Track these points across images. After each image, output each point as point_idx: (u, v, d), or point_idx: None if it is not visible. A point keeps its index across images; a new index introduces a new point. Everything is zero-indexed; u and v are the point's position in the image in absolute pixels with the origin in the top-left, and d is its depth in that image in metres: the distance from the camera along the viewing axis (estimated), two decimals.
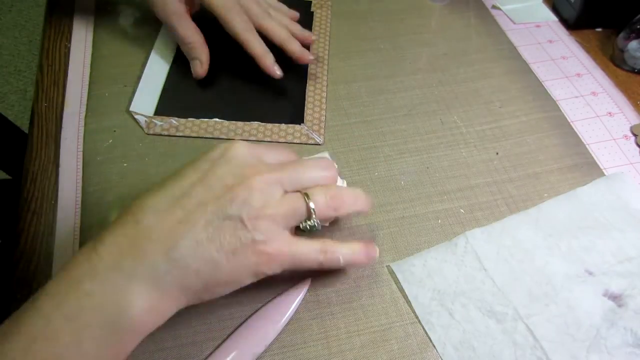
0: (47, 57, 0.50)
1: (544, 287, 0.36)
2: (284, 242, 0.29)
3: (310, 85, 0.48)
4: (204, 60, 0.46)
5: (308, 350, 0.33)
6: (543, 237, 0.38)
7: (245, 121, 0.45)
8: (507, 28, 0.56)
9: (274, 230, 0.28)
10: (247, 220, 0.27)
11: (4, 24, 1.68)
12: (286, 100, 0.47)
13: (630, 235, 0.38)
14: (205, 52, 0.46)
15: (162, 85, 0.47)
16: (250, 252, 0.28)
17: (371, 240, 0.36)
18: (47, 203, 0.40)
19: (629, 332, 0.33)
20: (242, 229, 0.27)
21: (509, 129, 0.46)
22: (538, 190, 0.41)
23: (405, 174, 0.42)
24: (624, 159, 0.44)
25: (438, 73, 0.50)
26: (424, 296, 0.35)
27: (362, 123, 0.46)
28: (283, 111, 0.46)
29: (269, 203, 0.28)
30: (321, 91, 0.48)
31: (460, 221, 0.39)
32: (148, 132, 0.44)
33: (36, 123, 0.45)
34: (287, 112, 0.46)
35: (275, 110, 0.46)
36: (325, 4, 0.57)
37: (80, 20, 0.54)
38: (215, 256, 0.27)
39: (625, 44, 0.50)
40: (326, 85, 0.49)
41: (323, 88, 0.48)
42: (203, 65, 0.46)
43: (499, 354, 0.33)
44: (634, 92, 0.49)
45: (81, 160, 0.42)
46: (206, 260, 0.27)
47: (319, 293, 0.36)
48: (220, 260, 0.27)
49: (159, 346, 0.33)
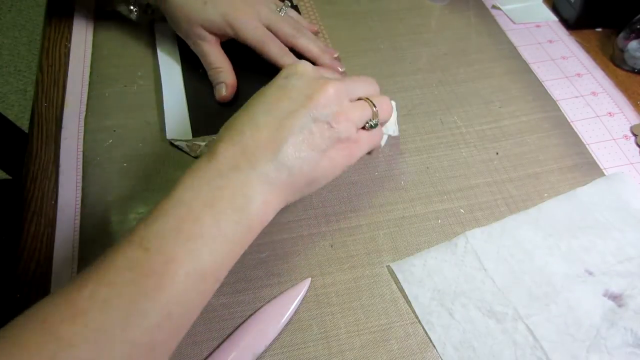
0: (47, 57, 0.50)
1: (544, 287, 0.36)
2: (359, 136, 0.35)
3: None
4: (230, 85, 0.46)
5: (308, 350, 0.33)
6: (543, 237, 0.38)
7: None
8: (507, 28, 0.56)
9: (351, 128, 0.34)
10: (332, 121, 0.32)
11: (4, 24, 1.68)
12: None
13: (630, 235, 0.38)
14: (232, 78, 0.47)
15: (186, 105, 0.46)
16: (338, 148, 0.33)
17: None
18: (47, 203, 0.40)
19: (629, 332, 0.33)
20: (328, 129, 0.32)
21: (509, 129, 0.46)
22: (538, 190, 0.41)
23: (405, 174, 0.42)
24: (624, 159, 0.44)
25: (438, 73, 0.50)
26: (424, 296, 0.35)
27: None
28: None
29: (343, 107, 0.34)
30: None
31: (460, 221, 0.39)
32: (195, 155, 0.43)
33: (36, 123, 0.45)
34: None
35: None
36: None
37: (80, 20, 0.54)
38: (313, 155, 0.32)
39: (625, 44, 0.50)
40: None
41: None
42: (228, 89, 0.46)
43: (499, 354, 0.33)
44: (634, 92, 0.49)
45: (81, 160, 0.42)
46: (305, 160, 0.31)
47: (319, 293, 0.36)
48: (316, 158, 0.32)
49: None
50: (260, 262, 0.37)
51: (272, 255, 0.37)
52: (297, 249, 0.38)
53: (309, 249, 0.38)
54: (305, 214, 0.40)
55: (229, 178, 0.30)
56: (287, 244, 0.38)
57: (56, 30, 0.53)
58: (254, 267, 0.37)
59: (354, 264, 0.37)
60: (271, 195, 0.31)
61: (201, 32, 0.46)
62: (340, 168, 0.34)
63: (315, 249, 0.38)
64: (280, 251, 0.38)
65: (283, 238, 0.38)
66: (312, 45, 0.48)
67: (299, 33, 0.48)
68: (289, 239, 0.38)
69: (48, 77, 0.49)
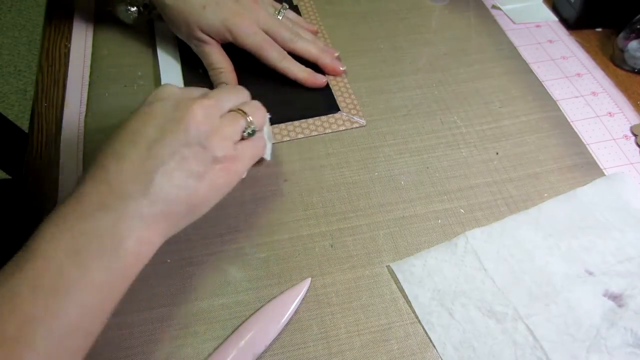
0: (47, 57, 0.50)
1: (544, 287, 0.36)
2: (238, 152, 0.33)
3: (330, 77, 0.49)
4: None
5: (308, 350, 0.33)
6: (543, 237, 0.38)
7: (285, 122, 0.45)
8: (507, 28, 0.56)
9: (227, 145, 0.32)
10: (205, 142, 0.30)
11: (4, 24, 1.68)
12: (314, 96, 0.48)
13: (630, 235, 0.38)
14: (233, 78, 0.47)
15: None
16: (216, 169, 0.31)
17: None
18: (47, 203, 0.40)
19: (629, 332, 0.33)
20: (202, 152, 0.30)
21: (509, 129, 0.46)
22: (538, 190, 0.41)
23: (405, 174, 0.42)
24: (624, 159, 0.44)
25: (438, 73, 0.50)
26: (424, 296, 0.35)
27: None
28: (315, 105, 0.47)
29: (215, 124, 0.31)
30: (342, 79, 0.49)
31: (460, 221, 0.39)
32: None
33: (36, 123, 0.45)
34: (320, 106, 0.47)
35: (308, 106, 0.47)
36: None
37: (80, 20, 0.54)
38: (189, 181, 0.30)
39: (625, 44, 0.50)
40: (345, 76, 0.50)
41: (342, 76, 0.50)
42: None
43: (499, 354, 0.33)
44: (634, 92, 0.49)
45: (81, 160, 0.42)
46: (182, 188, 0.29)
47: (319, 293, 0.36)
48: (194, 184, 0.30)
49: (159, 346, 0.33)
50: (260, 262, 0.37)
51: (272, 255, 0.37)
52: (297, 249, 0.38)
53: (309, 249, 0.38)
54: (305, 214, 0.40)
55: (95, 219, 0.27)
56: (287, 244, 0.38)
57: (56, 30, 0.53)
58: (254, 267, 0.37)
59: (354, 264, 0.37)
60: (147, 232, 0.28)
61: (201, 35, 0.46)
62: (222, 190, 0.32)
63: (315, 249, 0.38)
64: (280, 251, 0.38)
65: (283, 238, 0.38)
66: (310, 46, 0.48)
67: (296, 37, 0.48)
68: (289, 239, 0.38)
69: (48, 77, 0.49)
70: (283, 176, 0.42)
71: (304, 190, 0.41)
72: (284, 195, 0.41)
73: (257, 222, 0.39)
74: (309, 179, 0.42)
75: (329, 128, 0.45)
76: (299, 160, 0.43)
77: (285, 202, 0.40)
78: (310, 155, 0.43)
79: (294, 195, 0.41)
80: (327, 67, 0.49)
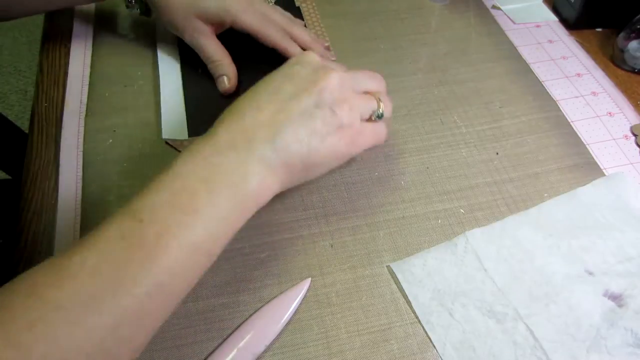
0: (47, 57, 0.50)
1: (544, 287, 0.36)
2: (364, 127, 0.35)
3: None
4: (232, 77, 0.46)
5: (308, 350, 0.33)
6: (543, 237, 0.38)
7: None
8: (507, 28, 0.56)
9: (355, 116, 0.34)
10: (335, 107, 0.33)
11: (4, 24, 1.68)
12: None
13: (630, 235, 0.38)
14: (232, 69, 0.47)
15: (184, 105, 0.46)
16: (340, 135, 0.33)
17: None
18: (47, 203, 0.40)
19: (629, 332, 0.33)
20: (331, 116, 0.32)
21: (509, 129, 0.46)
22: (538, 190, 0.41)
23: (405, 174, 0.42)
24: (624, 159, 0.44)
25: (438, 73, 0.50)
26: (424, 296, 0.35)
27: None
28: None
29: (347, 95, 0.34)
30: None
31: (460, 221, 0.39)
32: None
33: (36, 123, 0.45)
34: None
35: None
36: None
37: (80, 20, 0.54)
38: (312, 139, 0.32)
39: (625, 44, 0.50)
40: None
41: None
42: (231, 81, 0.46)
43: (499, 354, 0.33)
44: (634, 92, 0.49)
45: (81, 160, 0.42)
46: (304, 144, 0.32)
47: (319, 293, 0.36)
48: (315, 144, 0.32)
49: (159, 346, 0.33)
50: (260, 262, 0.37)
51: (272, 255, 0.37)
52: (297, 249, 0.38)
53: (309, 249, 0.38)
54: (305, 214, 0.40)
55: (226, 156, 0.30)
56: (287, 244, 0.38)
57: (56, 30, 0.53)
58: (254, 267, 0.37)
59: (354, 264, 0.37)
60: (268, 177, 0.31)
61: (197, 23, 0.45)
62: (341, 156, 0.34)
63: (315, 249, 0.38)
64: (280, 251, 0.38)
65: (283, 238, 0.38)
66: (304, 34, 0.49)
67: (291, 21, 0.49)
68: (289, 239, 0.38)
69: (48, 77, 0.49)
70: None
71: (304, 190, 0.41)
72: (284, 195, 0.41)
73: (257, 222, 0.39)
74: None
75: None
76: None
77: (285, 202, 0.40)
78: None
79: (294, 195, 0.41)
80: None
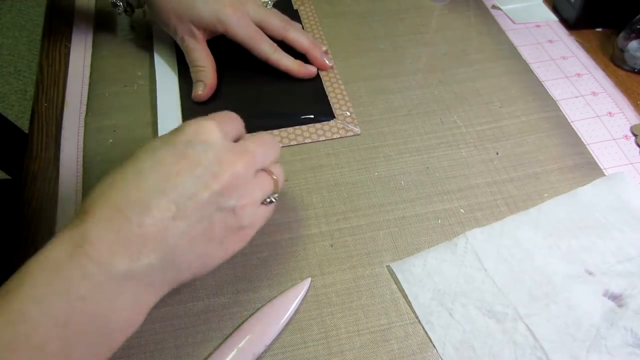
0: (47, 57, 0.50)
1: (544, 287, 0.36)
2: (259, 218, 0.31)
3: (326, 81, 0.49)
4: (208, 84, 0.45)
5: (308, 350, 0.33)
6: (543, 237, 0.38)
7: (279, 128, 0.45)
8: (507, 28, 0.56)
9: (255, 212, 0.30)
10: (237, 209, 0.28)
11: (4, 24, 1.68)
12: (308, 101, 0.47)
13: (630, 235, 0.38)
14: (212, 77, 0.46)
15: (180, 106, 0.46)
16: (237, 237, 0.29)
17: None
18: (47, 203, 0.40)
19: (629, 332, 0.33)
20: (232, 218, 0.28)
21: (509, 129, 0.46)
22: (538, 190, 0.41)
23: (405, 174, 0.42)
24: (624, 159, 0.44)
25: (438, 73, 0.50)
26: (424, 296, 0.35)
27: (362, 123, 0.46)
28: (310, 112, 0.46)
29: (249, 187, 0.29)
30: (338, 85, 0.49)
31: (460, 221, 0.39)
32: None
33: (36, 123, 0.45)
34: (315, 112, 0.46)
35: (303, 112, 0.46)
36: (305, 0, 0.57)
37: (80, 20, 0.54)
38: (208, 248, 0.28)
39: (625, 44, 0.50)
40: (340, 79, 0.49)
41: (339, 82, 0.49)
42: (205, 89, 0.45)
43: (499, 354, 0.33)
44: (634, 92, 0.49)
45: (81, 160, 0.42)
46: (200, 254, 0.27)
47: (319, 293, 0.36)
48: (211, 251, 0.28)
49: (159, 346, 0.33)
50: (260, 262, 0.37)
51: (272, 255, 0.37)
52: (297, 249, 0.38)
53: (309, 249, 0.38)
54: (305, 214, 0.40)
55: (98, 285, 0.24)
56: (287, 244, 0.38)
57: (56, 30, 0.53)
58: (254, 267, 0.37)
59: (354, 264, 0.37)
60: (145, 296, 0.26)
61: (190, 28, 0.45)
62: (230, 256, 0.30)
63: (315, 249, 0.38)
64: (280, 251, 0.38)
65: (283, 238, 0.38)
66: (302, 37, 0.48)
67: (288, 25, 0.48)
68: (289, 239, 0.38)
69: (48, 77, 0.49)
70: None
71: (304, 190, 0.41)
72: (284, 195, 0.41)
73: None
74: (309, 179, 0.42)
75: (322, 135, 0.44)
76: (299, 160, 0.43)
77: (285, 202, 0.40)
78: (310, 155, 0.43)
79: (294, 195, 0.41)
80: (317, 61, 0.49)
